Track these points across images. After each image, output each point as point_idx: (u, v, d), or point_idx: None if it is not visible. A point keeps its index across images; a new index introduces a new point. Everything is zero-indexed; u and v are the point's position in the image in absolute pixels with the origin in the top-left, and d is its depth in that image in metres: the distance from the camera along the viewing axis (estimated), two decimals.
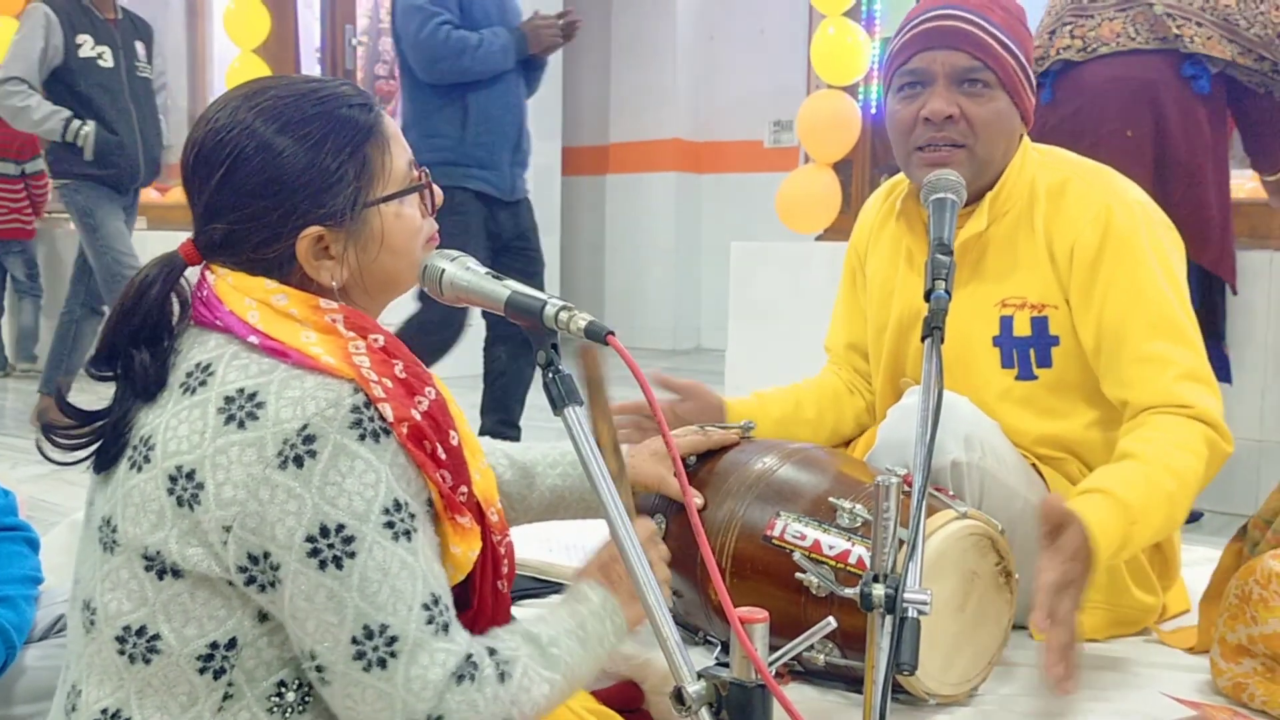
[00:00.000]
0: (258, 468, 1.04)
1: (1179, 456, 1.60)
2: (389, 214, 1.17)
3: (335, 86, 1.18)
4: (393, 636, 1.05)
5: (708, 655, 1.64)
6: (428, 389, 1.13)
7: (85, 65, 4.48)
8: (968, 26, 1.70)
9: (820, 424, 1.98)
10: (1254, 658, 1.51)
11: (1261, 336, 3.27)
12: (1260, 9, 2.87)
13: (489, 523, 1.19)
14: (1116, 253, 1.70)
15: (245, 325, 1.11)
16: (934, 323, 1.39)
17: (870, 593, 1.17)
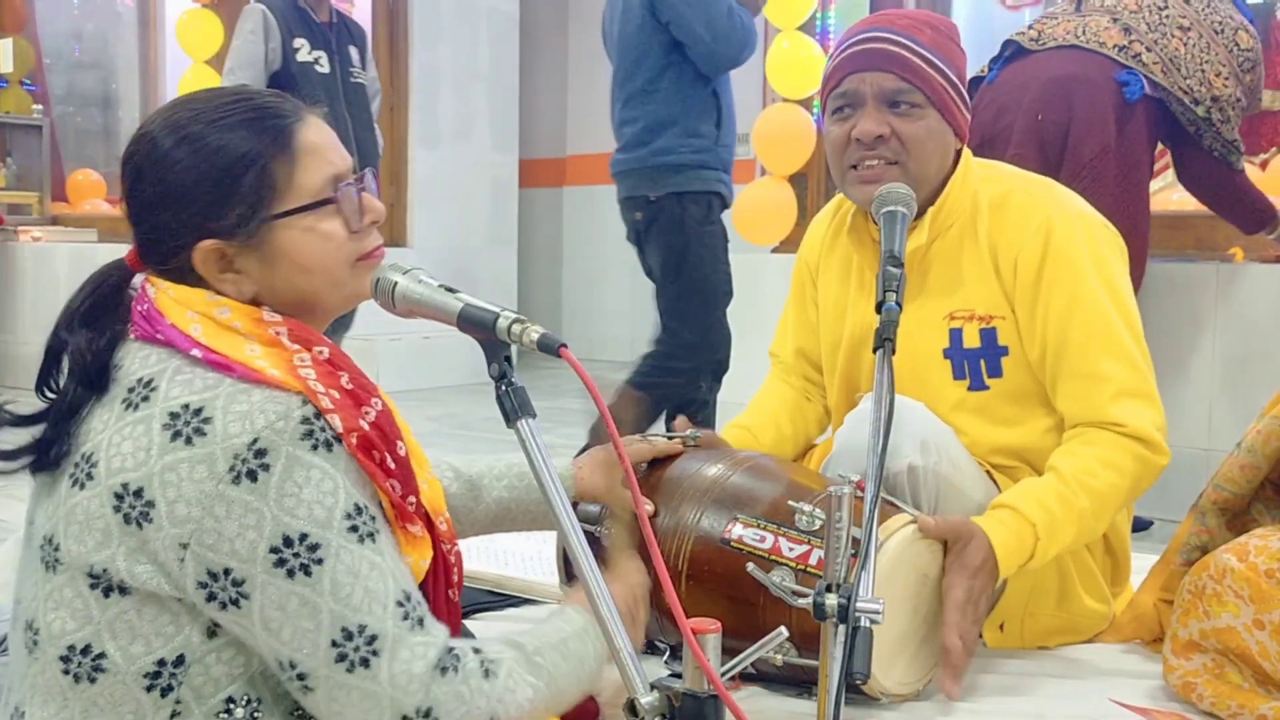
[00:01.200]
0: (210, 484, 1.03)
1: (1101, 475, 1.65)
2: (296, 230, 1.15)
3: (246, 99, 1.17)
4: (372, 635, 1.05)
5: (658, 660, 1.64)
6: (374, 400, 1.13)
7: (303, 71, 4.08)
8: (895, 48, 1.72)
9: (796, 439, 2.02)
10: (1204, 653, 1.53)
11: (1208, 347, 3.32)
12: (1203, 68, 2.93)
13: (438, 532, 1.19)
14: (1057, 266, 1.72)
15: (188, 339, 1.10)
16: (885, 334, 1.40)
17: (823, 602, 1.18)
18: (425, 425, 4.87)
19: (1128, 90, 2.89)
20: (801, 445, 2.02)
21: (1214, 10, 3.01)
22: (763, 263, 4.53)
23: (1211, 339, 3.33)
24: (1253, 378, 3.23)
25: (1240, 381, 3.28)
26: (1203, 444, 3.24)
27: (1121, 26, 2.96)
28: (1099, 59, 2.92)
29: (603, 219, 8.65)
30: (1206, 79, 2.93)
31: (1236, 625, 1.47)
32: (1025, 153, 2.80)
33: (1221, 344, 3.32)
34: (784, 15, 4.45)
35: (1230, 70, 2.97)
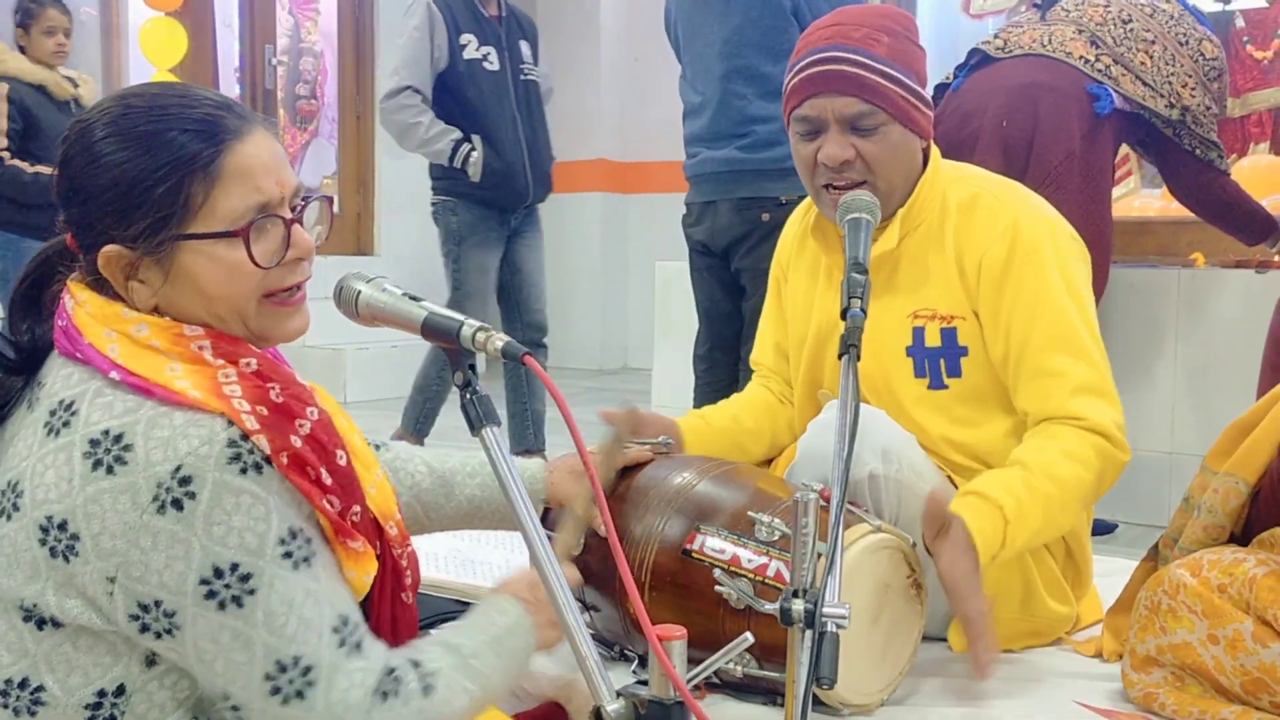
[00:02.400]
0: (134, 515, 1.00)
1: (1064, 465, 1.66)
2: (200, 255, 1.09)
3: (188, 106, 1.10)
4: (307, 666, 1.03)
5: (626, 669, 1.64)
6: (309, 409, 1.09)
7: (471, 68, 3.78)
8: (852, 69, 1.72)
9: (759, 434, 2.01)
10: (1163, 668, 1.54)
11: (1170, 351, 3.35)
12: (1170, 80, 2.96)
13: (388, 537, 1.17)
14: (1022, 267, 1.74)
15: (106, 360, 1.06)
16: (850, 340, 1.41)
17: (790, 608, 1.18)
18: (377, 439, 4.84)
19: (1099, 104, 2.92)
20: (765, 443, 2.02)
21: (1177, 22, 3.05)
22: None
23: (1174, 344, 3.37)
24: (1215, 382, 3.26)
25: (1203, 386, 3.31)
26: (1166, 448, 3.28)
27: (1089, 38, 2.99)
28: (1066, 68, 2.95)
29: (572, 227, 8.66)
30: (1174, 90, 2.97)
31: (1192, 641, 1.48)
32: (990, 159, 2.82)
33: (1184, 349, 3.36)
34: None
35: (1197, 80, 3.00)
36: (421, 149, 3.79)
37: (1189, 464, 1.72)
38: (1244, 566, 1.47)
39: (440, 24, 3.73)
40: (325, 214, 1.21)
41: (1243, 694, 1.45)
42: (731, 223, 3.20)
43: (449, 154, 3.74)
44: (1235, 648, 1.44)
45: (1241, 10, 5.26)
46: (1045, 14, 3.15)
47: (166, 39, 5.56)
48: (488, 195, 3.81)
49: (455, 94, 3.77)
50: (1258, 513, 1.59)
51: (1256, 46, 5.10)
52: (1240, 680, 1.44)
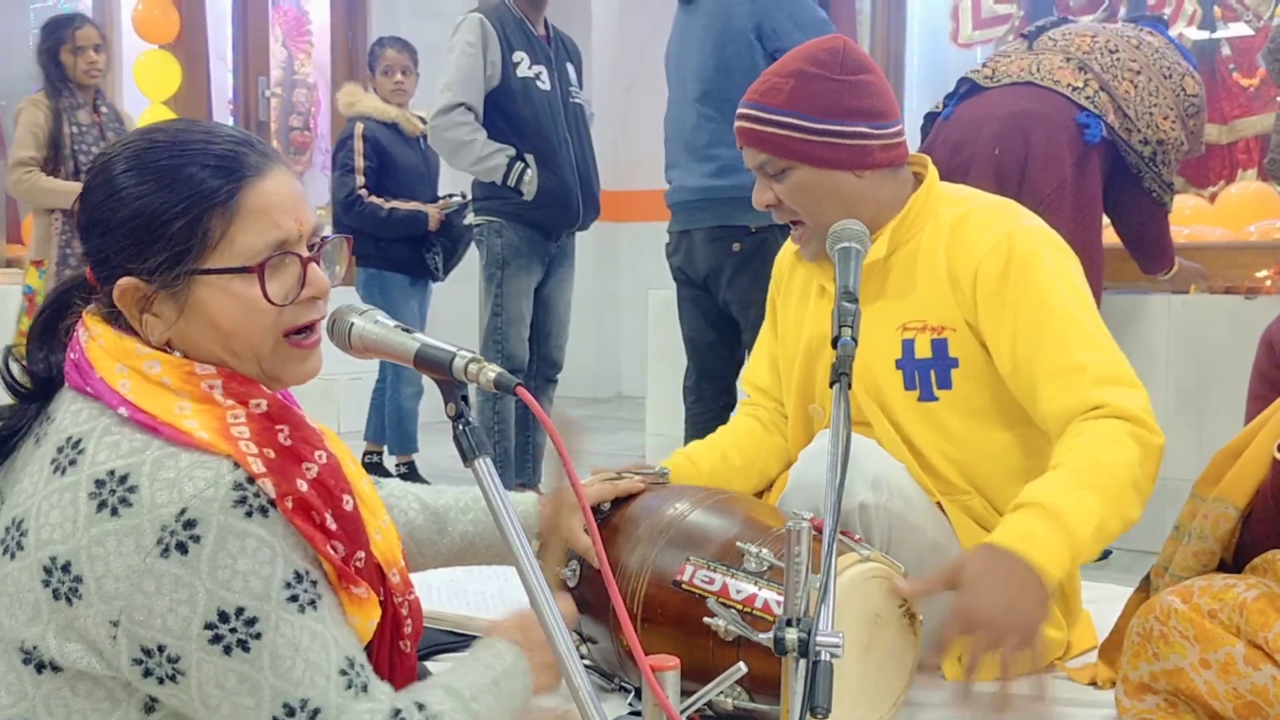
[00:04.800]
0: (137, 558, 1.00)
1: (1101, 450, 1.61)
2: (216, 290, 1.09)
3: (210, 142, 1.11)
4: (315, 709, 1.03)
5: (623, 701, 1.64)
6: (317, 453, 1.10)
7: (524, 87, 3.65)
8: (751, 125, 1.82)
9: (749, 470, 2.01)
10: (1156, 694, 1.54)
11: (1162, 377, 3.37)
12: (1151, 110, 3.00)
13: (390, 584, 1.17)
14: (1021, 275, 1.74)
15: (116, 395, 1.06)
16: (841, 368, 1.41)
17: (784, 637, 1.18)
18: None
19: (1088, 132, 2.95)
20: (755, 478, 2.02)
21: (1162, 56, 3.08)
22: None
23: (1165, 369, 3.38)
24: (1207, 406, 3.28)
25: (1195, 410, 3.32)
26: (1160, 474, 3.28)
27: (1076, 65, 3.02)
28: (1055, 97, 2.98)
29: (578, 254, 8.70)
30: (1154, 121, 3.00)
31: (1184, 666, 1.48)
32: (983, 187, 2.83)
33: (1175, 374, 3.37)
34: None
35: (1177, 114, 3.04)
36: (474, 167, 3.65)
37: (1182, 489, 1.71)
38: (1234, 591, 1.48)
39: (494, 40, 3.60)
40: (344, 253, 1.21)
41: (1236, 718, 1.45)
42: (706, 252, 3.19)
43: (504, 172, 3.60)
44: (1227, 671, 1.44)
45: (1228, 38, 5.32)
46: (1033, 44, 3.19)
47: (160, 72, 5.59)
48: (538, 216, 3.68)
49: (506, 113, 3.65)
50: (1249, 537, 1.59)
51: (1243, 74, 5.15)
52: (1233, 704, 1.44)
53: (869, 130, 1.80)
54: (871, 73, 1.83)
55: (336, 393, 5.74)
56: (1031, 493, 1.58)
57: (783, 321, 2.03)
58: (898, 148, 1.84)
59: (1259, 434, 1.59)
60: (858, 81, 1.80)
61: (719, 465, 1.97)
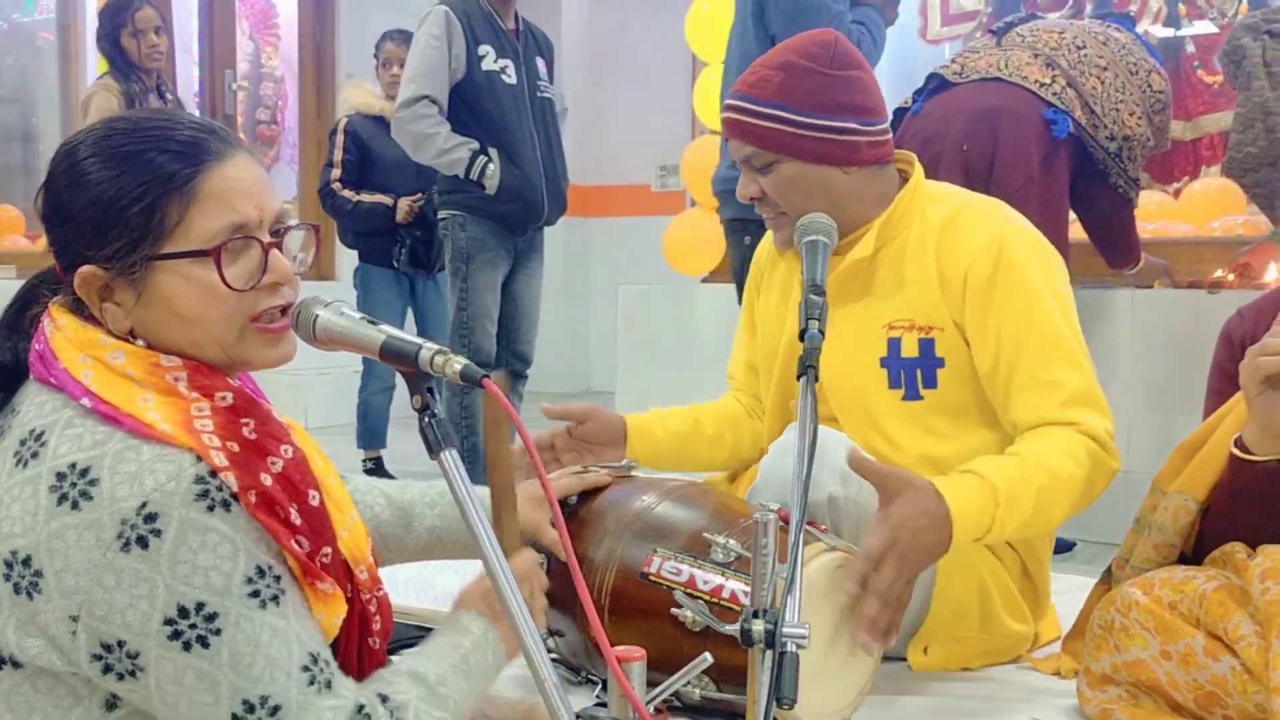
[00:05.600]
0: (97, 552, 0.99)
1: (1058, 460, 1.65)
2: (176, 276, 1.08)
3: (171, 129, 1.10)
4: (275, 706, 1.02)
5: (590, 693, 1.64)
6: (283, 447, 1.09)
7: (490, 80, 3.63)
8: (738, 116, 1.81)
9: (719, 442, 2.02)
10: (1118, 685, 1.56)
11: (1125, 373, 3.40)
12: (1118, 107, 3.02)
13: (358, 581, 1.15)
14: (1009, 280, 1.75)
15: (79, 386, 1.05)
16: (808, 361, 1.42)
17: (750, 628, 1.19)
18: (356, 459, 4.81)
19: (1055, 128, 2.96)
20: (725, 452, 2.03)
21: (1129, 52, 3.11)
22: (692, 293, 4.56)
23: (1129, 364, 3.41)
24: (1171, 401, 3.31)
25: (1159, 405, 3.36)
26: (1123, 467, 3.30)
27: (1044, 61, 3.03)
28: (1023, 93, 3.00)
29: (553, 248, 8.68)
30: (1120, 118, 3.02)
31: (1145, 657, 1.50)
32: (951, 181, 2.85)
33: (1138, 368, 3.40)
34: (709, 48, 4.52)
35: (1143, 110, 3.06)
36: (436, 160, 3.64)
37: (1145, 482, 1.73)
38: (1194, 583, 1.50)
39: (459, 33, 3.60)
40: (310, 241, 1.20)
41: (1196, 708, 1.47)
42: (729, 244, 3.22)
43: (466, 165, 3.60)
44: (1187, 663, 1.45)
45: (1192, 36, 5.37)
46: (1001, 40, 3.20)
47: None
48: (502, 211, 3.67)
49: (471, 106, 3.64)
50: (1207, 529, 1.61)
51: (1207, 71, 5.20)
52: (1193, 695, 1.46)
53: (858, 126, 1.80)
54: (861, 69, 1.83)
55: (304, 387, 5.70)
56: (987, 469, 1.61)
57: (761, 316, 2.02)
58: (885, 145, 1.84)
59: (1218, 428, 1.61)
60: (848, 77, 1.80)
61: (689, 428, 1.99)
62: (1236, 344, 1.70)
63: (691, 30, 4.52)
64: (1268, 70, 3.09)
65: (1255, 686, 1.39)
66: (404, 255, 4.52)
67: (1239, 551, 1.53)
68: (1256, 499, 1.53)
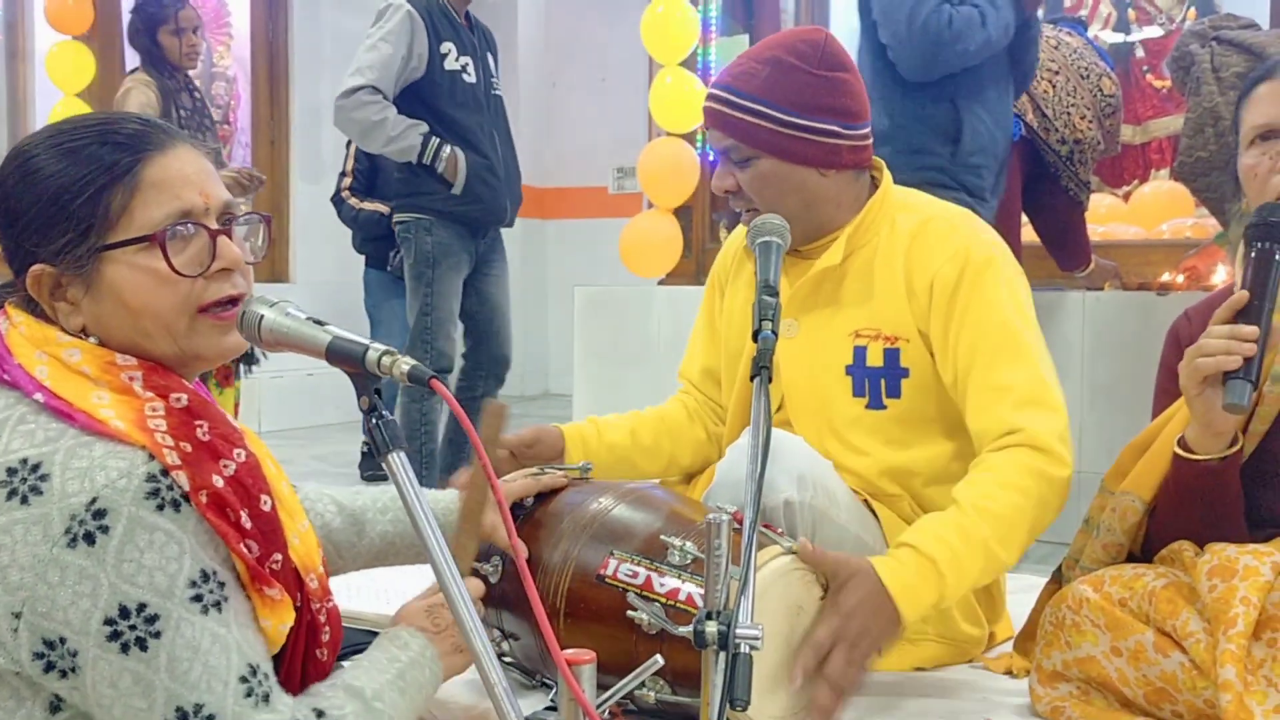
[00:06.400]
0: (44, 547, 0.98)
1: (1000, 496, 1.63)
2: (123, 265, 1.09)
3: (114, 125, 1.11)
4: (209, 715, 1.00)
5: (545, 697, 1.63)
6: (236, 451, 1.08)
7: (451, 80, 3.55)
8: (720, 107, 1.80)
9: (657, 452, 2.00)
10: (1069, 682, 1.57)
11: (1077, 372, 3.43)
12: (1069, 110, 3.06)
13: (308, 590, 1.14)
14: (971, 289, 1.76)
15: (32, 381, 1.05)
16: (761, 362, 1.42)
17: (704, 630, 1.18)
18: (310, 464, 4.78)
19: None
20: (663, 462, 2.02)
21: (1080, 56, 3.14)
22: (649, 295, 4.56)
23: (1080, 364, 3.45)
24: (1120, 401, 3.35)
25: (1109, 406, 3.40)
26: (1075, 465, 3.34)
27: None
28: None
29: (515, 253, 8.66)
30: (1071, 121, 3.06)
31: (1096, 654, 1.51)
32: None
33: (1089, 369, 3.44)
34: (665, 51, 4.52)
35: (1094, 114, 3.10)
36: (388, 148, 3.52)
37: (1095, 481, 1.75)
38: (1144, 580, 1.51)
39: (421, 31, 3.49)
40: (263, 231, 1.20)
41: (1146, 704, 1.48)
42: None
43: (419, 150, 3.48)
44: (1137, 659, 1.47)
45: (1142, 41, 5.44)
46: None
47: (74, 63, 5.45)
48: (466, 212, 3.60)
49: (430, 106, 3.54)
50: (1154, 528, 1.62)
51: (1156, 75, 5.28)
52: (1143, 691, 1.47)
53: (839, 129, 1.79)
54: (848, 71, 1.82)
55: (258, 390, 5.64)
56: (923, 540, 1.58)
57: (726, 318, 2.01)
58: (865, 150, 1.84)
59: (1164, 429, 1.62)
60: (834, 79, 1.79)
61: (625, 440, 1.97)
62: (1184, 344, 1.71)
63: (648, 33, 4.51)
64: (1216, 76, 3.13)
65: (1204, 682, 1.40)
66: (399, 260, 4.53)
67: (1187, 549, 1.55)
68: (1199, 497, 1.55)
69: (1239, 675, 1.35)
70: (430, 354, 3.63)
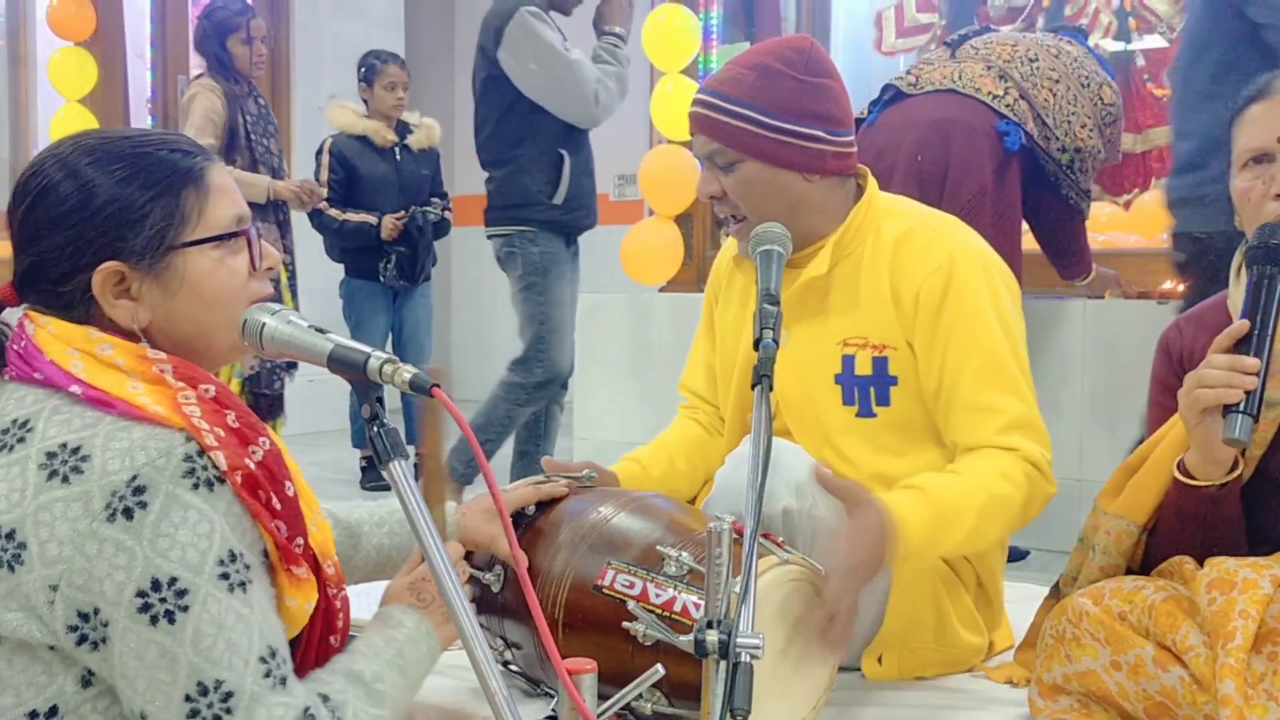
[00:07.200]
0: (84, 522, 1.01)
1: (995, 481, 1.68)
2: (202, 260, 1.16)
3: (164, 136, 1.18)
4: (228, 692, 1.02)
5: (547, 705, 1.63)
6: (261, 439, 1.12)
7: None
8: (706, 111, 1.81)
9: (694, 474, 2.01)
10: (1069, 695, 1.56)
11: (1077, 381, 3.43)
12: (1069, 119, 3.06)
13: (325, 575, 1.17)
14: (958, 301, 1.76)
15: (67, 375, 1.08)
16: (762, 371, 1.42)
17: (704, 639, 1.18)
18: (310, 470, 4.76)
19: (1007, 140, 2.99)
20: (700, 482, 2.02)
21: (1080, 65, 3.14)
22: (649, 302, 4.56)
23: (1080, 373, 3.45)
24: (1120, 410, 3.34)
25: (1109, 414, 3.39)
26: (1075, 475, 3.34)
27: (997, 74, 3.06)
28: (976, 105, 3.02)
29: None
30: (1072, 130, 3.06)
31: (1096, 668, 1.50)
32: (906, 193, 2.87)
33: (1090, 378, 3.44)
34: (667, 58, 4.52)
35: (1095, 123, 3.10)
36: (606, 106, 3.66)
37: (1096, 490, 1.75)
38: (1143, 594, 1.51)
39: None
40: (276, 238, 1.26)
41: (1146, 718, 1.48)
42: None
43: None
44: (1137, 673, 1.46)
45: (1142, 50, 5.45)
46: (955, 52, 3.23)
47: (76, 69, 5.44)
48: (568, 220, 3.65)
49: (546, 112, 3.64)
50: (1155, 551, 1.62)
51: (1157, 84, 5.28)
52: (1143, 705, 1.47)
53: (824, 135, 1.80)
54: (834, 78, 1.83)
55: None
56: (931, 485, 1.64)
57: (721, 328, 2.02)
58: (849, 157, 1.84)
59: (1157, 449, 1.61)
60: (820, 85, 1.80)
61: (668, 469, 1.98)
62: (1174, 356, 1.71)
63: (649, 40, 4.51)
64: None
65: (1204, 697, 1.40)
66: (391, 270, 4.72)
67: (1187, 563, 1.54)
68: (1200, 522, 1.54)
69: (1239, 689, 1.34)
70: (544, 364, 3.60)
